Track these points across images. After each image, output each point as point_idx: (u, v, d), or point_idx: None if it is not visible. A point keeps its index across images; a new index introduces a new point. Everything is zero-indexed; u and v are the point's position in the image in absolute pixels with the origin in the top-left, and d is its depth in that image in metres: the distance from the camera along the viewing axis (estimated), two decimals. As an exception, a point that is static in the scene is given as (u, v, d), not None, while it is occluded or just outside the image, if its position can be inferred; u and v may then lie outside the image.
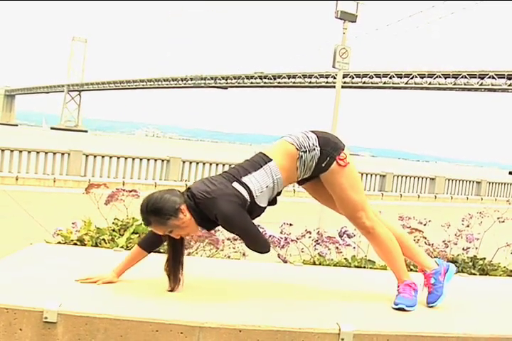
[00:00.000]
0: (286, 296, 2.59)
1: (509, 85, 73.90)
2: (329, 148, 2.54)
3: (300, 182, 2.72)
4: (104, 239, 3.59)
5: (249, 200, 2.43)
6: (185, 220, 2.39)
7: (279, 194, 2.61)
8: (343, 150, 2.57)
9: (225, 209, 2.34)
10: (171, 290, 2.51)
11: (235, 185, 2.41)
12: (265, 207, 2.53)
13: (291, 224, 3.87)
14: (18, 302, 2.12)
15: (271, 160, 2.51)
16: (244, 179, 2.44)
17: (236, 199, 2.38)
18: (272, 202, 2.59)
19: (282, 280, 2.92)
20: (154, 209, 2.37)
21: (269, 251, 2.53)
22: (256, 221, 3.19)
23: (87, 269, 2.67)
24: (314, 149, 2.52)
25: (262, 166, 2.49)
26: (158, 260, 3.18)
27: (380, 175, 20.03)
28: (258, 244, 2.48)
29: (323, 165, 2.54)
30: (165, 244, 2.61)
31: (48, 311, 2.08)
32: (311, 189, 2.80)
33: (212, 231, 3.69)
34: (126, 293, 2.42)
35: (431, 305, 2.59)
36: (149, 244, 2.61)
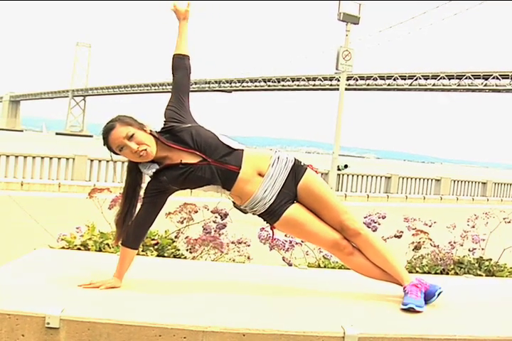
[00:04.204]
0: (291, 299, 2.57)
1: (514, 85, 73.74)
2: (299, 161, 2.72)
3: (272, 219, 2.66)
4: (107, 244, 3.58)
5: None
6: (147, 133, 2.52)
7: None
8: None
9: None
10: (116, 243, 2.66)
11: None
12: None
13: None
14: (20, 307, 2.11)
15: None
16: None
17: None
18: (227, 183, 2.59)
19: (287, 284, 2.90)
20: (123, 116, 2.54)
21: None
22: (261, 224, 3.19)
23: (91, 274, 2.66)
24: (288, 156, 2.67)
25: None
26: (160, 265, 3.18)
27: (386, 177, 19.98)
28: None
29: (301, 164, 2.67)
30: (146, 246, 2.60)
31: (50, 316, 2.06)
32: (286, 225, 2.68)
33: (217, 235, 3.69)
34: (128, 298, 2.41)
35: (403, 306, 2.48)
36: (133, 240, 2.61)
